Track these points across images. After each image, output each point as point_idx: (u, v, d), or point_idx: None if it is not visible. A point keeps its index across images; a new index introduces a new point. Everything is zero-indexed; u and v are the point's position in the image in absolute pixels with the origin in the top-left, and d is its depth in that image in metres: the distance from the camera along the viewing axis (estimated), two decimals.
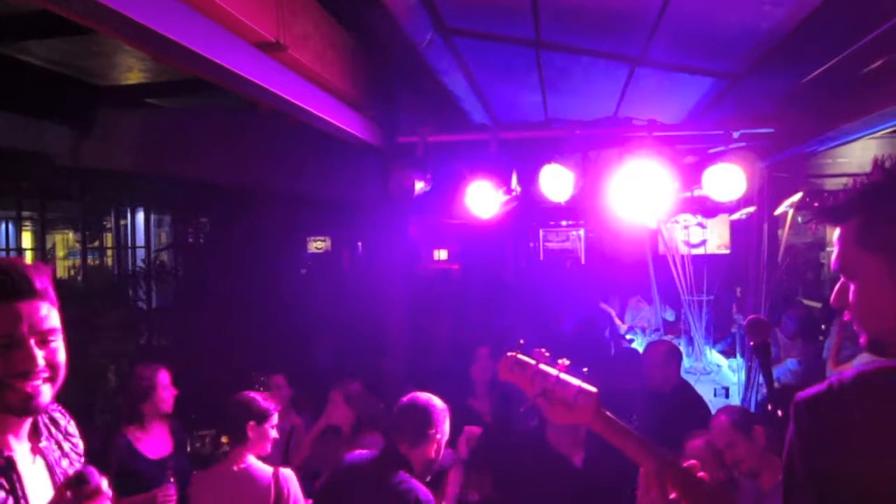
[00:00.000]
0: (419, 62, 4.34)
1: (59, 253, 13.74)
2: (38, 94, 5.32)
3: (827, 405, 1.21)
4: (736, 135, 3.91)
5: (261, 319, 6.76)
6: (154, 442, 3.55)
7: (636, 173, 3.78)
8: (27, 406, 1.36)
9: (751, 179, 3.76)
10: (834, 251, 1.29)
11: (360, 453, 2.85)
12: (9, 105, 5.27)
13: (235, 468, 2.95)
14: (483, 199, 4.01)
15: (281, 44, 2.78)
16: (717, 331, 7.13)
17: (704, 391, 5.16)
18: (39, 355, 1.35)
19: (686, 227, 7.85)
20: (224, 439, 3.89)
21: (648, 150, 3.77)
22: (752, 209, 5.40)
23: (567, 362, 1.67)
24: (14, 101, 5.24)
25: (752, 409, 4.92)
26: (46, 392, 1.38)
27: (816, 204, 1.32)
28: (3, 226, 11.35)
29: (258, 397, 3.16)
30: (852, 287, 1.25)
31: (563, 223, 15.84)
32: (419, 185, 3.97)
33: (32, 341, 1.34)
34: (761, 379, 5.10)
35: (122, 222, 9.56)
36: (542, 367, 1.65)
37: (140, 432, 3.51)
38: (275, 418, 3.15)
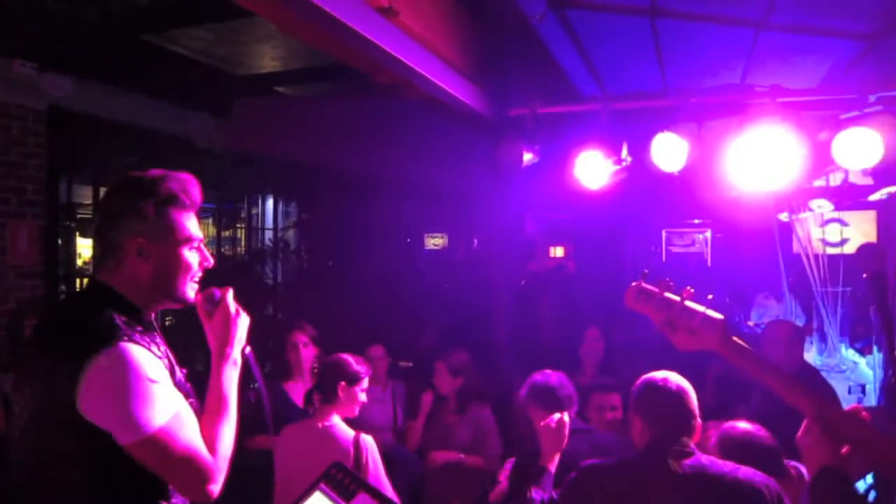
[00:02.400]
0: (530, 36, 4.38)
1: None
2: (184, 83, 5.85)
3: None
4: (872, 98, 3.61)
5: (377, 302, 7.07)
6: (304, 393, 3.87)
7: (758, 140, 3.58)
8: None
9: (890, 145, 3.46)
10: None
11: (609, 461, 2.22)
12: (158, 93, 5.85)
13: (320, 425, 2.96)
14: (592, 168, 3.96)
15: (393, 9, 2.91)
16: (854, 327, 6.58)
17: (838, 388, 4.78)
18: None
19: (823, 225, 7.31)
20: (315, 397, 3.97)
21: (772, 117, 3.56)
22: (894, 188, 4.97)
23: (692, 290, 1.68)
24: (163, 89, 5.80)
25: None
26: None
27: None
28: None
29: (350, 359, 3.14)
30: None
31: (696, 221, 15.19)
32: (527, 157, 3.99)
33: None
34: None
35: (254, 211, 10.28)
36: (667, 294, 1.67)
37: (293, 383, 3.86)
38: (365, 382, 3.13)
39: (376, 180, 8.41)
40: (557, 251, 15.94)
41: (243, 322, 1.74)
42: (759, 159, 3.60)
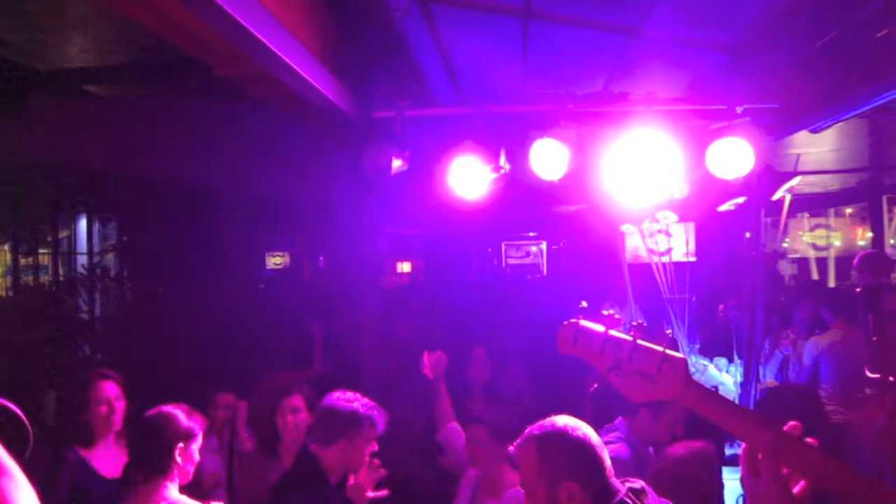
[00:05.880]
0: (392, 33, 3.97)
1: None
2: None
3: None
4: (739, 110, 3.64)
5: (214, 332, 6.24)
6: (110, 460, 3.02)
7: (637, 148, 3.46)
8: None
9: (759, 154, 3.49)
10: None
11: None
12: None
13: None
14: (469, 176, 3.63)
15: None
16: (701, 331, 6.90)
17: None
18: None
19: (651, 235, 7.65)
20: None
21: (650, 124, 3.46)
22: (741, 199, 5.18)
23: (644, 324, 1.37)
24: None
25: (751, 406, 4.63)
26: None
27: None
28: None
29: (179, 413, 2.53)
30: None
31: (530, 234, 15.82)
32: (396, 164, 3.57)
33: None
34: (762, 375, 4.83)
35: (64, 233, 8.84)
36: (614, 333, 1.38)
37: (94, 449, 3.01)
38: (200, 438, 2.57)
39: (212, 194, 7.55)
40: (404, 266, 15.75)
41: None
42: (640, 170, 3.48)
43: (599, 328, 1.39)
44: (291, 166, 6.46)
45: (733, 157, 3.51)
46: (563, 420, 1.79)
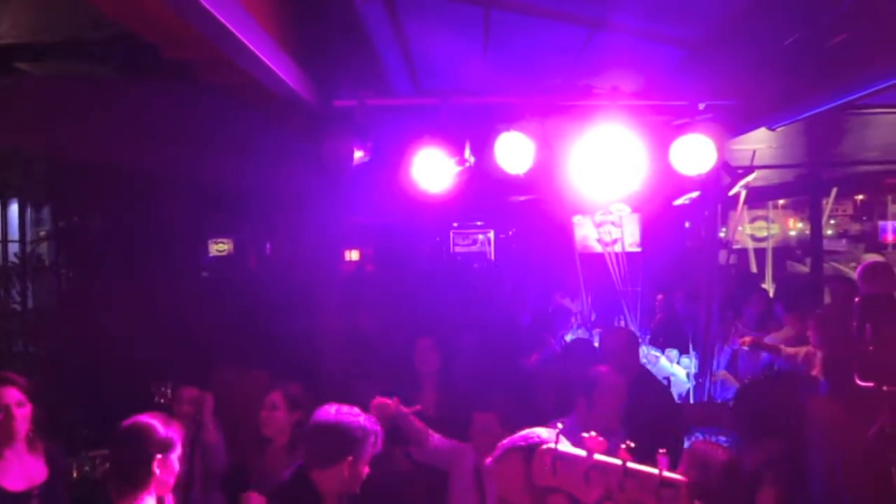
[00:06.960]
0: (353, 21, 3.83)
1: None
2: None
3: None
4: (701, 106, 3.66)
5: (155, 323, 5.97)
6: (18, 471, 2.84)
7: (601, 142, 3.44)
8: None
9: (721, 151, 3.51)
10: None
11: None
12: None
13: None
14: (433, 169, 3.54)
15: None
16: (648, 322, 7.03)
17: None
18: None
19: (598, 226, 7.73)
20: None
21: (615, 118, 3.44)
22: (695, 194, 5.26)
23: (632, 445, 1.25)
24: None
25: (705, 398, 4.72)
26: None
27: None
28: None
29: (156, 423, 2.37)
30: None
31: (478, 223, 15.85)
32: (358, 154, 3.45)
33: None
34: (715, 367, 4.93)
35: None
36: (599, 458, 1.25)
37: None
38: (179, 448, 2.41)
39: (152, 178, 7.20)
40: (353, 254, 15.54)
41: None
42: (606, 164, 3.46)
43: (581, 453, 1.26)
44: (239, 152, 6.21)
45: (696, 153, 3.53)
46: (544, 431, 1.73)
